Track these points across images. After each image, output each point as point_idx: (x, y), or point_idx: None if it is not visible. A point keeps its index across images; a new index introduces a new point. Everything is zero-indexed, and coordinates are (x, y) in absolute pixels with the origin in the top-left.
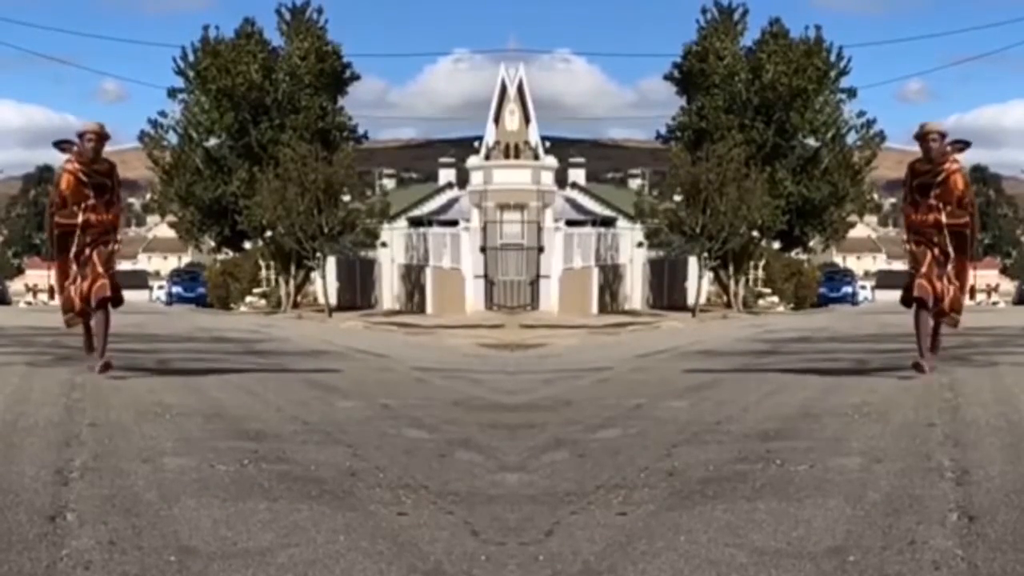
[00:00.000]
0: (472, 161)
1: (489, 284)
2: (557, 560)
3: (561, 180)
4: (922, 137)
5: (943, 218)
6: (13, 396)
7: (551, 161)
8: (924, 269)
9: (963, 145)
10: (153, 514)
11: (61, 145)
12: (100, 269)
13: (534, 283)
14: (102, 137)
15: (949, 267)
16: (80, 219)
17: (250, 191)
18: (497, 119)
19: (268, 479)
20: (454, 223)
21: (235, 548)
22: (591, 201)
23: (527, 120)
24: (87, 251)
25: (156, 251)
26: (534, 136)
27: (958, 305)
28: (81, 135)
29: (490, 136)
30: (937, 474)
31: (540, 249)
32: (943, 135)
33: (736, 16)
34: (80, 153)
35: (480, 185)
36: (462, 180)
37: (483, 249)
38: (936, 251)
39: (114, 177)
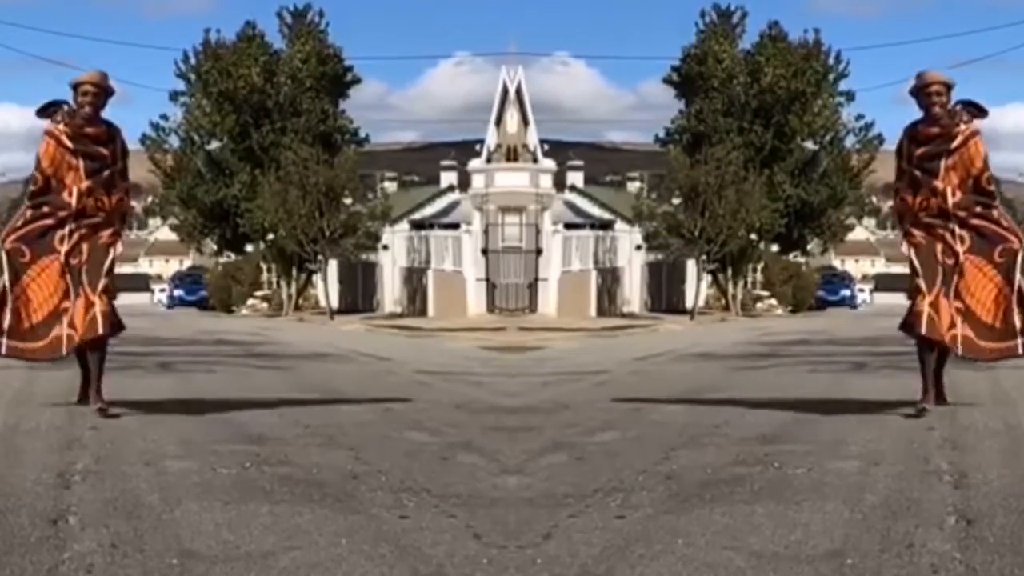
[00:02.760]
0: (474, 164)
1: (491, 287)
2: (555, 563)
3: (559, 183)
4: (921, 90)
5: (950, 203)
6: (15, 399)
7: (549, 164)
8: (932, 295)
9: (977, 111)
10: (155, 517)
11: (48, 111)
12: (89, 288)
13: (532, 286)
14: (103, 90)
15: (962, 279)
16: (68, 202)
17: (251, 194)
18: (499, 122)
19: (270, 482)
20: (456, 226)
21: (237, 551)
22: (590, 204)
23: (525, 123)
24: (78, 255)
25: (157, 254)
26: (532, 139)
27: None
28: (75, 87)
29: (491, 139)
30: (935, 477)
31: (538, 252)
32: (949, 87)
33: (735, 19)
34: (70, 112)
35: (482, 188)
36: (463, 183)
37: (485, 252)
38: (941, 255)
39: (117, 145)
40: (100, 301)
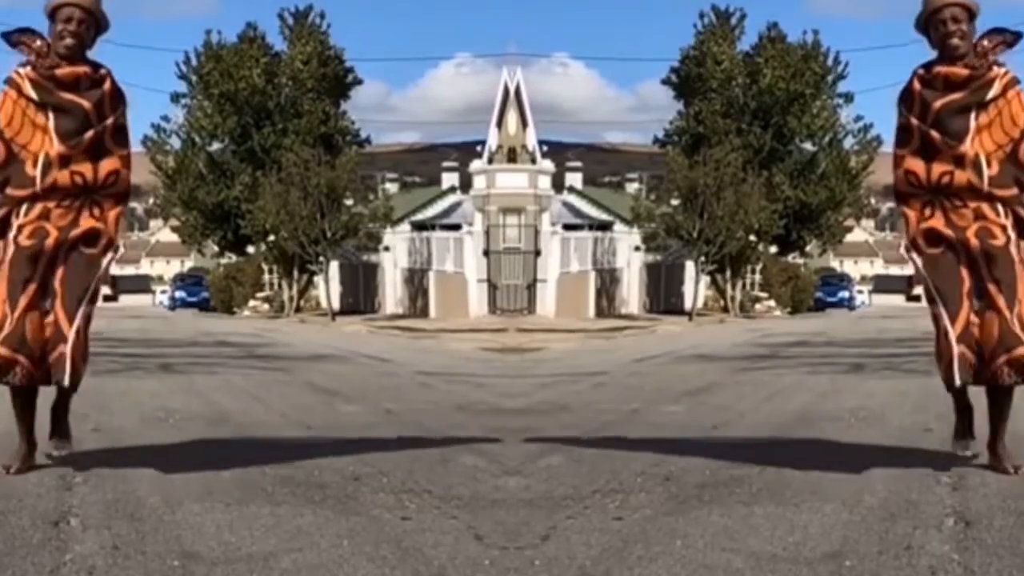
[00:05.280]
0: (475, 165)
1: (492, 288)
2: (554, 564)
3: (558, 184)
4: (932, 16)
5: (985, 178)
6: None
7: (548, 165)
8: (961, 321)
9: (1014, 37)
10: (156, 519)
11: (12, 38)
12: (64, 314)
13: (531, 287)
14: (91, 17)
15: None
16: (31, 176)
17: (253, 195)
18: (500, 123)
19: (271, 484)
20: (457, 227)
21: (238, 553)
22: (588, 205)
23: (524, 124)
24: (38, 242)
25: (159, 255)
26: (531, 140)
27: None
28: (53, 14)
29: (493, 140)
30: (933, 479)
31: (537, 253)
32: (971, 14)
33: (734, 21)
34: (40, 51)
35: (483, 189)
36: (465, 184)
37: (486, 253)
38: (977, 238)
39: (104, 92)
40: (76, 338)
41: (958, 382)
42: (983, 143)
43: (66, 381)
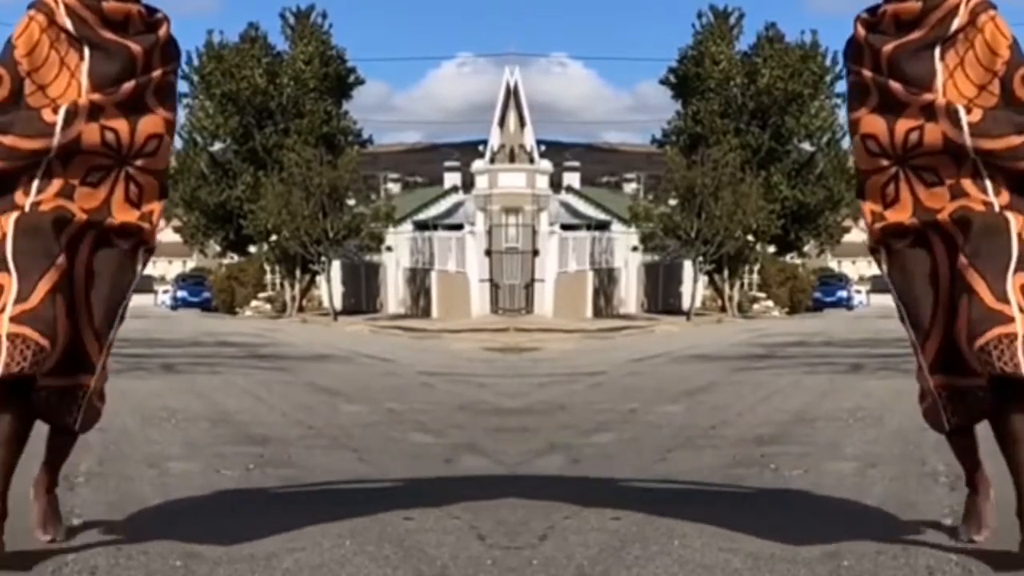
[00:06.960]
0: (477, 165)
1: (494, 288)
2: (552, 564)
3: (556, 184)
4: None
5: (965, 127)
6: None
7: (546, 165)
8: (933, 340)
9: None
10: (158, 519)
11: None
12: (92, 334)
13: (529, 287)
14: None
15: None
16: (48, 124)
17: (255, 195)
18: (502, 122)
19: (274, 483)
20: (459, 227)
21: (240, 552)
22: (586, 205)
23: (522, 124)
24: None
25: (161, 255)
26: (529, 140)
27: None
28: None
29: (495, 139)
30: (931, 479)
31: (535, 253)
32: None
33: (732, 20)
34: None
35: (485, 189)
36: (467, 184)
37: (488, 253)
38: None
39: (160, 41)
40: (101, 373)
41: (946, 425)
42: (959, 87)
43: (76, 425)
